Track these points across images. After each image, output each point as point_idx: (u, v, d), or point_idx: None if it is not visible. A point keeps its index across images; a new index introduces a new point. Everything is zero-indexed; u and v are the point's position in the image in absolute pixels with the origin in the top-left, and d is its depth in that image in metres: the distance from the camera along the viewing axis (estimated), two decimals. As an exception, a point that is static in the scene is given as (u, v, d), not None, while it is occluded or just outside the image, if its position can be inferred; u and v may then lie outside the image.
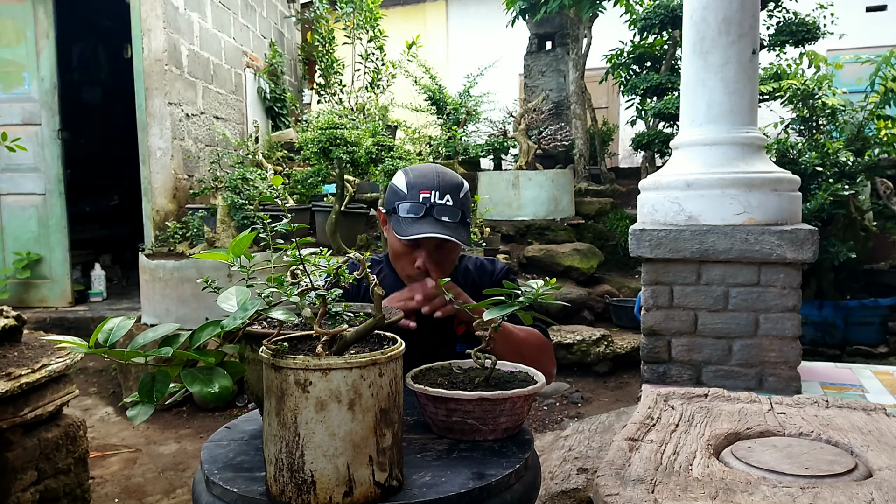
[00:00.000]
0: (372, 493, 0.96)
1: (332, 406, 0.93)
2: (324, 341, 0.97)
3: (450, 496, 1.00)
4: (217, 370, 0.98)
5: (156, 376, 0.96)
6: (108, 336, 0.98)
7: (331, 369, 0.93)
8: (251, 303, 1.03)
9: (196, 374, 0.97)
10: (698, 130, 2.88)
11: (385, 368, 0.97)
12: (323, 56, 6.90)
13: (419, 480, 1.04)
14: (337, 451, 0.94)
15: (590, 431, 2.62)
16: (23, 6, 4.99)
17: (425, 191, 1.49)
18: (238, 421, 1.33)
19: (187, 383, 0.96)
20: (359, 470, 0.95)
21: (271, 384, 0.96)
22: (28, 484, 2.22)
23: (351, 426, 0.94)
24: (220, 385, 0.96)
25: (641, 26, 6.34)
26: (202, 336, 0.99)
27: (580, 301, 5.26)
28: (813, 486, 1.08)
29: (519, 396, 1.20)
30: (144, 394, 0.95)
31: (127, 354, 0.95)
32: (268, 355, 0.96)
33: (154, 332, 1.00)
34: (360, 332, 1.03)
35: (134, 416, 0.94)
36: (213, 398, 0.95)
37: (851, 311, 4.84)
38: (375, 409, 0.95)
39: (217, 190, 4.77)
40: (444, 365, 1.37)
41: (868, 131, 5.38)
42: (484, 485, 1.04)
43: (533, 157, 6.53)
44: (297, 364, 0.93)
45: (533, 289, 1.22)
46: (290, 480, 0.95)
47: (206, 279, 1.18)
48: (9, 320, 2.34)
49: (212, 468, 1.10)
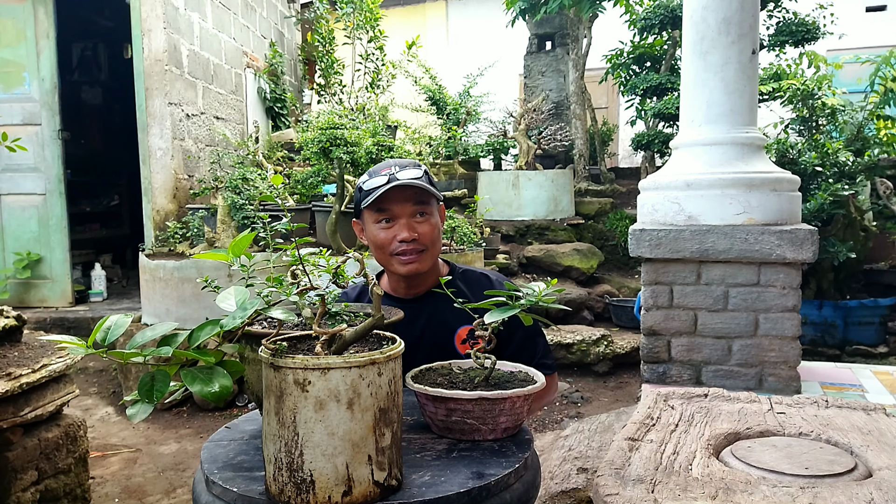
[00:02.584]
0: (371, 492, 0.96)
1: (330, 405, 0.93)
2: (323, 341, 0.98)
3: (449, 496, 1.00)
4: (217, 369, 0.98)
5: (155, 376, 0.96)
6: (106, 335, 0.98)
7: (330, 369, 0.93)
8: (250, 302, 1.03)
9: (196, 373, 0.97)
10: (698, 130, 2.89)
11: (384, 368, 0.97)
12: (323, 56, 6.90)
13: (418, 480, 1.04)
14: (336, 451, 0.94)
15: (590, 431, 2.62)
16: (23, 6, 4.99)
17: (384, 170, 1.54)
18: (238, 421, 1.33)
19: (187, 383, 0.96)
20: (358, 469, 0.95)
21: (270, 383, 0.96)
22: (28, 484, 2.22)
23: (350, 425, 0.94)
24: (220, 384, 0.96)
25: (641, 26, 6.35)
26: (201, 335, 0.99)
27: (580, 301, 5.26)
28: (813, 486, 1.08)
29: (518, 396, 1.20)
30: (144, 393, 0.95)
31: (126, 355, 0.95)
32: (267, 355, 0.96)
33: (152, 331, 1.01)
34: (359, 331, 1.03)
35: (133, 414, 0.95)
36: (214, 397, 0.95)
37: (851, 311, 4.84)
38: (374, 408, 0.96)
39: (217, 190, 4.77)
40: (443, 365, 1.37)
41: (868, 131, 5.39)
42: (483, 484, 1.04)
43: (533, 157, 6.53)
44: (295, 363, 0.93)
45: (534, 291, 1.22)
46: (289, 480, 0.95)
47: (205, 279, 1.18)
48: (9, 320, 2.35)
49: (212, 468, 1.10)
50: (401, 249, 1.54)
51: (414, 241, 1.53)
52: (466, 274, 1.71)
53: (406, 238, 1.52)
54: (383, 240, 1.55)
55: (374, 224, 1.56)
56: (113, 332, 0.99)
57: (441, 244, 1.66)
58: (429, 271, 1.62)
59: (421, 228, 1.55)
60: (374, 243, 1.58)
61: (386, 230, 1.55)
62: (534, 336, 1.65)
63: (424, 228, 1.55)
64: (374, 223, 1.56)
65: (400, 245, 1.53)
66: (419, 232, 1.54)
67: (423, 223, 1.55)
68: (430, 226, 1.56)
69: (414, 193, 1.53)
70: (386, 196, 1.51)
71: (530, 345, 1.63)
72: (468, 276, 1.70)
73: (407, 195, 1.53)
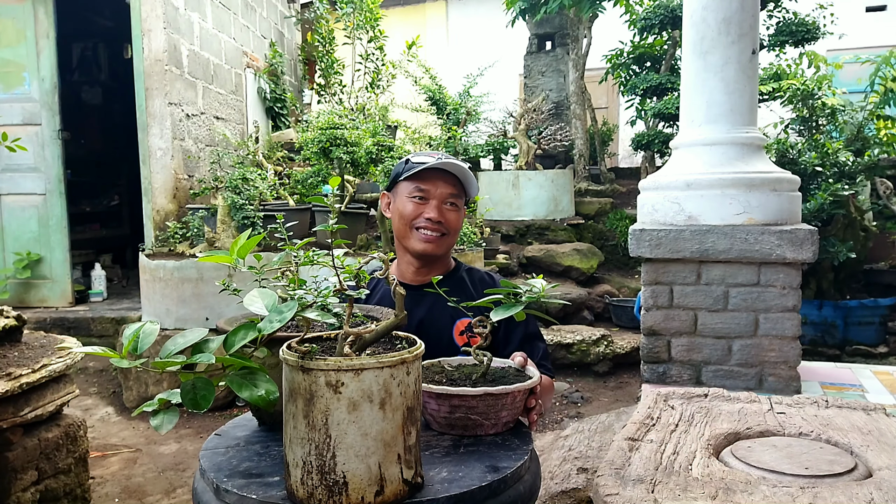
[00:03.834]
0: (401, 490, 0.97)
1: (364, 406, 0.93)
2: (350, 341, 0.98)
3: (472, 490, 1.01)
4: (260, 374, 0.96)
5: (196, 384, 0.93)
6: (136, 343, 0.95)
7: (363, 369, 0.92)
8: (286, 305, 1.00)
9: (243, 380, 0.95)
10: (698, 130, 2.89)
11: (412, 367, 0.97)
12: (323, 56, 6.90)
13: (437, 476, 1.05)
14: (369, 451, 0.94)
15: (590, 431, 2.62)
16: (23, 6, 4.99)
17: (434, 154, 1.65)
18: (227, 427, 1.30)
19: (236, 389, 0.93)
20: (389, 468, 0.95)
21: (298, 386, 0.94)
22: (28, 484, 2.22)
23: (382, 425, 0.94)
24: (265, 389, 0.94)
25: (641, 26, 6.35)
26: (236, 340, 0.96)
27: (580, 301, 5.26)
28: (813, 486, 1.08)
29: (520, 390, 1.22)
30: (189, 402, 0.91)
31: (165, 364, 0.91)
32: (295, 357, 0.94)
33: (183, 338, 0.97)
34: (379, 331, 1.03)
35: (159, 425, 0.92)
36: (263, 402, 0.93)
37: (851, 311, 4.84)
38: (403, 407, 0.96)
39: (217, 190, 4.77)
40: (433, 363, 1.38)
41: (868, 131, 5.39)
42: (501, 477, 1.06)
43: (533, 157, 6.53)
44: (328, 365, 0.92)
45: (534, 288, 1.23)
46: (320, 483, 0.94)
47: (223, 282, 1.20)
48: (9, 320, 2.35)
49: (219, 476, 1.07)
50: (424, 225, 1.62)
51: (439, 224, 1.62)
52: (471, 272, 1.77)
53: (433, 217, 1.61)
54: (411, 212, 1.63)
55: (406, 196, 1.63)
56: (144, 341, 0.95)
57: (457, 237, 1.76)
58: (441, 259, 1.70)
59: (449, 215, 1.64)
60: (401, 214, 1.65)
61: (417, 205, 1.63)
62: (534, 339, 1.68)
63: (451, 216, 1.64)
64: (407, 195, 1.63)
65: (426, 222, 1.62)
66: (446, 217, 1.63)
67: (451, 211, 1.64)
68: (457, 215, 1.66)
69: (453, 182, 1.63)
70: (429, 174, 1.61)
71: (529, 347, 1.64)
72: (473, 273, 1.76)
73: (447, 181, 1.62)
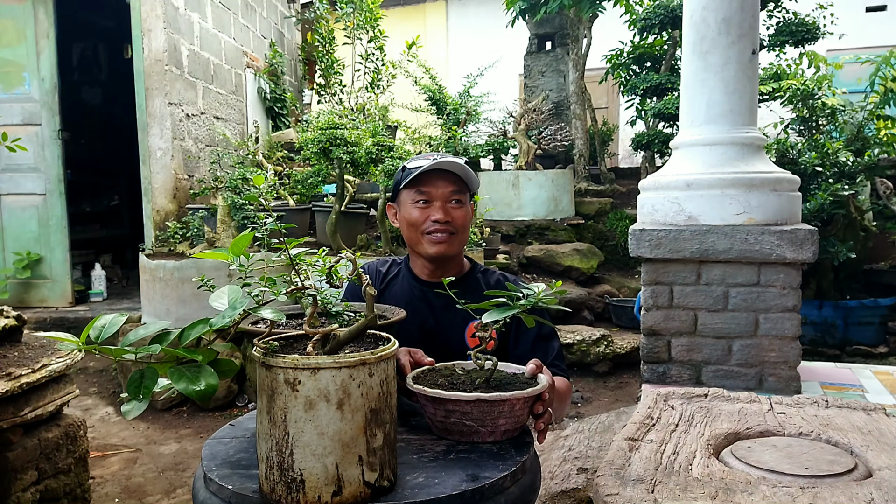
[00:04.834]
0: (361, 492, 0.96)
1: (320, 405, 0.93)
2: (315, 340, 0.98)
3: (440, 497, 0.99)
4: (205, 368, 0.98)
5: (144, 373, 0.96)
6: (99, 332, 0.99)
7: (319, 369, 0.93)
8: (240, 301, 1.03)
9: (183, 371, 0.97)
10: (698, 130, 2.89)
11: (375, 368, 0.96)
12: (323, 56, 6.90)
13: (413, 481, 1.04)
14: (325, 451, 0.94)
15: (590, 431, 2.62)
16: (23, 6, 4.99)
17: (429, 155, 1.65)
18: (243, 418, 1.33)
19: (173, 380, 0.95)
20: (348, 469, 0.95)
21: (262, 382, 0.96)
22: (28, 484, 2.22)
23: (340, 426, 0.94)
24: (206, 383, 0.95)
25: (641, 26, 6.34)
26: (191, 334, 0.99)
27: (580, 301, 5.25)
28: (813, 486, 1.08)
29: (518, 399, 1.18)
30: (132, 390, 0.95)
31: (116, 351, 0.95)
32: (259, 354, 0.96)
33: (145, 329, 1.01)
34: (352, 331, 1.03)
35: (128, 411, 0.95)
36: (199, 396, 0.95)
37: (851, 311, 4.84)
38: (365, 408, 0.95)
39: (217, 190, 4.77)
40: (447, 366, 1.36)
41: (868, 131, 5.38)
42: (477, 487, 1.03)
43: (533, 158, 6.52)
44: (286, 363, 0.93)
45: (535, 291, 1.21)
46: (280, 479, 0.95)
47: (202, 278, 1.19)
48: (9, 320, 2.34)
49: (210, 465, 1.10)
50: (433, 229, 1.62)
51: (447, 224, 1.62)
52: (487, 273, 1.77)
53: (440, 219, 1.61)
54: (417, 218, 1.63)
55: (410, 203, 1.64)
56: (107, 331, 0.99)
57: (468, 234, 1.76)
58: (454, 259, 1.70)
59: (455, 213, 1.64)
60: (408, 222, 1.66)
61: (421, 210, 1.63)
62: (549, 338, 1.66)
63: (458, 214, 1.65)
64: (411, 202, 1.64)
65: (433, 225, 1.62)
66: (452, 216, 1.63)
67: (457, 209, 1.65)
68: (463, 212, 1.66)
69: (453, 180, 1.63)
70: (427, 177, 1.61)
71: (543, 346, 1.64)
72: (489, 275, 1.77)
73: (447, 180, 1.63)
